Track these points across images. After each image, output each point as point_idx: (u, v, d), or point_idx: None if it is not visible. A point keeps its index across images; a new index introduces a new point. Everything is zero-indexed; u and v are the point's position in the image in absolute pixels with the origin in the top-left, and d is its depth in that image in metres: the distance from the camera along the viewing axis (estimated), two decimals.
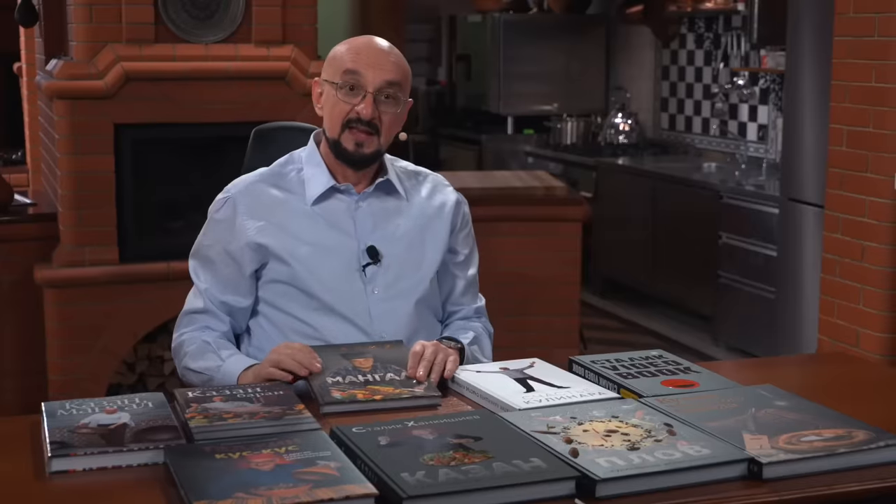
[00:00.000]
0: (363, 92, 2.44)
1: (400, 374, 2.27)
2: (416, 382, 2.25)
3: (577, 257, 5.15)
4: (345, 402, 2.15)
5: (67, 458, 1.87)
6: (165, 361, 4.78)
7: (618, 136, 8.10)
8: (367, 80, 2.44)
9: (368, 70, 2.44)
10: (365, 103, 2.44)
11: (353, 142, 2.47)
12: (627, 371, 2.34)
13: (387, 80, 2.45)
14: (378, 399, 2.18)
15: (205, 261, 2.57)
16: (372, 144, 2.48)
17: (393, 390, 2.21)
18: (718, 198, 6.24)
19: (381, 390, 2.21)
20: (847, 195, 3.79)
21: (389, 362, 2.32)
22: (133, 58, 4.51)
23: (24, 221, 4.88)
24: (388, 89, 2.46)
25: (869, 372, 2.76)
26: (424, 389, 2.23)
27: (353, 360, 2.32)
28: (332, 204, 2.54)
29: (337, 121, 2.48)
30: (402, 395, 2.20)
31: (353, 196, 2.55)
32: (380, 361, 2.32)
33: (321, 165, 2.56)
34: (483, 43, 8.52)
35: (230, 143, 4.52)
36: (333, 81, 2.48)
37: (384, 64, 2.46)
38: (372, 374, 2.27)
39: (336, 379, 2.23)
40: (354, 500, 1.69)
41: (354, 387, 2.21)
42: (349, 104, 2.46)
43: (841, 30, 3.82)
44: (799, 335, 5.22)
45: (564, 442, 1.89)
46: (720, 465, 1.83)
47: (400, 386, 2.23)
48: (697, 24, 7.58)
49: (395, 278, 2.53)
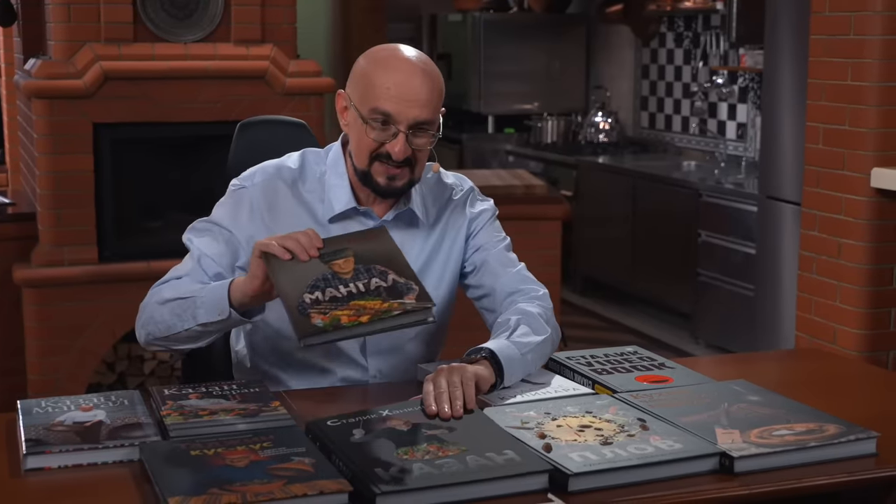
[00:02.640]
0: (395, 129, 2.24)
1: (386, 278, 2.03)
2: (407, 289, 2.00)
3: (557, 255, 5.16)
4: (327, 330, 1.93)
5: (43, 456, 1.87)
6: (145, 361, 4.78)
7: (598, 135, 8.13)
8: (401, 118, 2.23)
9: (402, 109, 2.23)
10: (397, 142, 2.24)
11: (384, 175, 2.28)
12: (602, 367, 2.35)
13: (420, 119, 2.25)
14: (365, 321, 1.95)
15: (203, 231, 2.37)
16: (405, 177, 2.30)
17: (381, 304, 1.97)
18: (698, 196, 6.27)
19: (367, 306, 1.97)
20: (824, 193, 3.81)
21: (373, 261, 2.07)
22: (112, 57, 4.50)
23: (3, 221, 4.87)
24: (422, 126, 2.26)
25: (844, 367, 2.79)
26: (416, 298, 1.99)
27: (332, 263, 2.06)
28: (348, 226, 2.35)
29: (364, 153, 2.28)
30: (392, 310, 1.96)
31: (374, 220, 2.37)
32: (362, 262, 2.06)
33: (344, 177, 2.36)
34: (463, 42, 8.54)
35: (210, 142, 4.54)
36: (361, 113, 2.26)
37: (417, 100, 2.23)
38: (355, 283, 2.01)
39: (315, 295, 1.98)
40: (328, 496, 1.70)
41: (337, 304, 1.96)
42: (378, 142, 2.26)
43: (817, 28, 3.84)
44: (777, 332, 5.25)
45: (538, 437, 1.91)
46: (692, 460, 1.84)
47: (388, 297, 1.99)
48: (677, 24, 7.61)
49: None
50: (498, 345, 2.20)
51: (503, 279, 2.44)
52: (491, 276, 2.45)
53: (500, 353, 2.17)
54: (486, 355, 2.16)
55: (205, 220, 2.39)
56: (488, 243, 2.48)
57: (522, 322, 2.30)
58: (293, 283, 2.01)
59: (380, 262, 2.07)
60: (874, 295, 3.68)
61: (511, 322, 2.30)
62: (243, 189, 2.38)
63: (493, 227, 2.52)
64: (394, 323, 1.97)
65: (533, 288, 2.43)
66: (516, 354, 2.20)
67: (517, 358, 2.20)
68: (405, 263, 2.10)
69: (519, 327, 2.28)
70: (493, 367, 2.15)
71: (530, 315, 2.32)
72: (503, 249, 2.50)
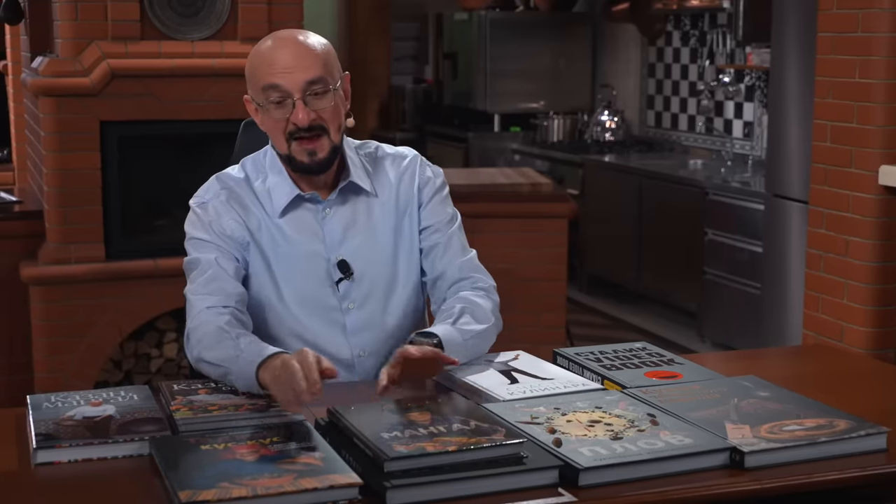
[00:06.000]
0: (290, 100, 2.29)
1: (468, 423, 1.90)
2: (493, 430, 1.87)
3: (563, 254, 5.16)
4: (413, 455, 1.77)
5: (53, 450, 1.87)
6: (152, 359, 4.78)
7: (604, 134, 8.12)
8: (291, 86, 2.28)
9: (285, 78, 2.28)
10: (298, 110, 2.28)
11: (304, 153, 2.33)
12: (611, 363, 2.35)
13: (308, 79, 2.28)
14: (453, 451, 1.79)
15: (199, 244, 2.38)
16: (324, 146, 2.33)
17: (467, 440, 1.83)
18: (704, 194, 6.26)
19: (452, 441, 1.82)
20: (831, 190, 3.80)
21: (450, 414, 1.97)
22: (118, 55, 4.50)
23: (10, 219, 4.88)
24: (315, 86, 2.29)
25: (852, 364, 2.78)
26: (505, 436, 1.84)
27: (407, 414, 1.97)
28: (298, 214, 2.41)
29: (279, 136, 2.34)
30: (480, 444, 1.81)
31: (320, 204, 2.42)
32: (439, 414, 1.97)
33: (283, 172, 2.42)
34: (469, 41, 8.53)
35: (216, 139, 4.52)
36: (258, 101, 2.34)
37: (299, 64, 2.29)
38: (434, 427, 1.90)
39: (393, 434, 1.85)
40: (338, 490, 1.70)
41: (418, 440, 1.83)
42: (283, 119, 2.31)
43: (824, 26, 3.83)
44: (784, 330, 5.24)
45: (548, 432, 1.90)
46: (702, 454, 1.84)
47: (473, 436, 1.85)
48: (683, 22, 7.60)
49: (369, 289, 2.43)
50: (443, 330, 2.28)
51: (453, 267, 2.48)
52: (441, 261, 2.49)
53: (446, 340, 2.25)
54: (436, 342, 2.23)
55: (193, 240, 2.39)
56: (439, 222, 2.50)
57: (466, 311, 2.37)
58: (368, 424, 1.91)
59: (459, 414, 1.97)
60: (882, 292, 3.67)
61: (455, 310, 2.37)
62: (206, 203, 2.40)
63: (441, 199, 2.53)
64: (485, 455, 1.80)
65: (481, 278, 2.49)
66: (458, 339, 2.29)
67: (459, 343, 2.28)
68: (486, 413, 2.00)
69: (462, 315, 2.35)
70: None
71: (475, 304, 2.39)
72: (456, 231, 2.52)
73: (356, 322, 2.42)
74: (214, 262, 2.33)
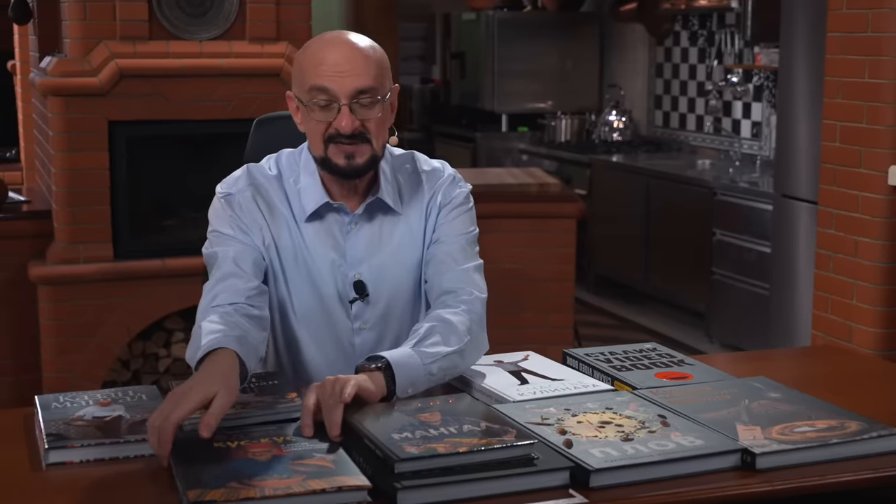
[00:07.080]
0: (337, 105, 2.20)
1: (479, 425, 1.89)
2: (504, 431, 1.85)
3: (571, 254, 5.15)
4: (424, 456, 1.76)
5: (64, 450, 1.87)
6: (160, 359, 4.78)
7: (612, 134, 8.11)
8: (340, 91, 2.19)
9: (335, 82, 2.19)
10: (342, 116, 2.20)
11: (342, 155, 2.23)
12: (621, 363, 2.34)
13: (358, 88, 2.20)
14: (463, 451, 1.78)
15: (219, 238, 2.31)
16: (364, 153, 2.24)
17: (478, 441, 1.82)
18: (712, 195, 6.25)
19: (463, 442, 1.82)
20: (840, 191, 3.80)
21: (461, 414, 1.96)
22: (127, 55, 4.51)
23: (19, 219, 4.88)
24: (364, 96, 2.21)
25: (862, 364, 2.77)
26: (515, 437, 1.83)
27: (417, 415, 1.96)
28: (324, 223, 2.33)
29: (317, 138, 2.25)
30: (491, 445, 1.80)
31: (347, 216, 2.33)
32: (450, 415, 1.95)
33: (315, 175, 2.32)
34: (477, 41, 8.53)
35: (224, 139, 4.53)
36: (303, 99, 2.25)
37: (352, 69, 2.20)
38: (445, 427, 1.89)
39: (404, 434, 1.85)
40: (347, 492, 1.69)
41: (429, 441, 1.82)
42: (325, 122, 2.22)
43: (833, 26, 3.83)
44: (793, 331, 5.23)
45: (558, 433, 1.90)
46: (713, 456, 1.84)
47: (484, 437, 1.84)
48: (691, 22, 7.59)
49: (383, 312, 2.36)
50: (398, 354, 2.12)
51: (444, 276, 2.34)
52: (435, 269, 2.36)
53: (396, 364, 2.08)
54: (382, 366, 2.08)
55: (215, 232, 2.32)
56: (447, 234, 2.38)
57: (436, 331, 2.20)
58: (379, 425, 1.91)
59: (469, 415, 1.95)
60: (891, 293, 3.67)
61: (422, 330, 2.20)
62: (231, 196, 2.33)
63: (457, 215, 2.41)
64: (496, 456, 1.79)
65: (468, 290, 2.32)
66: (417, 363, 2.12)
67: (418, 367, 2.12)
68: (497, 414, 1.99)
69: (431, 336, 2.19)
70: (387, 377, 2.07)
71: (447, 323, 2.22)
72: (464, 242, 2.38)
73: (365, 343, 2.36)
74: (231, 259, 2.26)
